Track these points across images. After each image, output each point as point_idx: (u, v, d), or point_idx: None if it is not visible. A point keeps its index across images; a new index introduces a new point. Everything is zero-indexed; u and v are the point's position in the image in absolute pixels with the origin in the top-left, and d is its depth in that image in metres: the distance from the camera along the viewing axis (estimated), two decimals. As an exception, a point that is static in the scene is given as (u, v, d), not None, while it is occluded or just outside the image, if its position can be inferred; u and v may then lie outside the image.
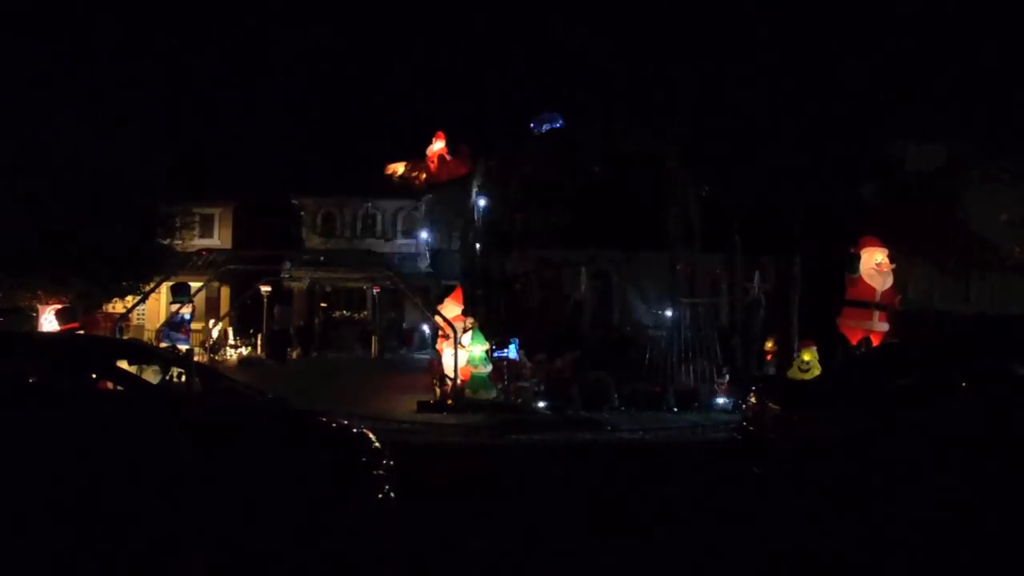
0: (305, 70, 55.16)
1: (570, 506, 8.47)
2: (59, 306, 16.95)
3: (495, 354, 17.44)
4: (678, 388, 16.78)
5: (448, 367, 17.01)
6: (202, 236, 30.93)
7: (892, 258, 18.00)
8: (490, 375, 17.05)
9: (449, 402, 16.30)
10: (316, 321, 31.29)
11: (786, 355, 17.62)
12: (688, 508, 8.45)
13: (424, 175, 35.11)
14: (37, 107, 18.75)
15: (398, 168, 36.02)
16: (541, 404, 16.34)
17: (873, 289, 17.63)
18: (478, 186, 27.27)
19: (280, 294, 29.81)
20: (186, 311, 24.25)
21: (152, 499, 6.80)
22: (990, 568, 6.44)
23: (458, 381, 16.68)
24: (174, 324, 23.53)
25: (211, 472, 6.91)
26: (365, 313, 32.42)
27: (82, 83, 19.72)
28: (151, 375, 9.79)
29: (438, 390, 17.21)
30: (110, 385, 7.94)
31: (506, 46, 52.61)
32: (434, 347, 18.69)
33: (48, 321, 16.30)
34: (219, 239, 32.03)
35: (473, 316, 18.48)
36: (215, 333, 27.25)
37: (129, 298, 21.56)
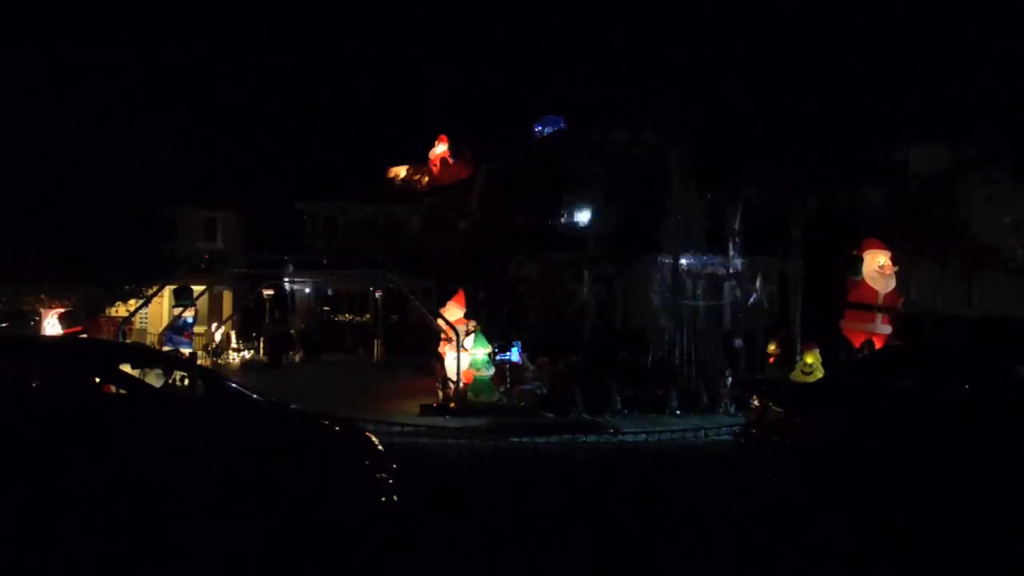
0: (308, 74, 55.26)
1: (572, 510, 8.46)
2: (62, 310, 16.97)
3: (497, 357, 17.44)
4: (681, 391, 16.76)
5: (451, 370, 17.02)
6: (205, 240, 30.99)
7: (895, 260, 17.99)
8: (492, 378, 17.05)
9: (452, 405, 16.31)
10: (316, 323, 31.32)
11: (789, 358, 17.60)
12: (690, 511, 8.44)
13: (426, 178, 35.16)
14: (41, 109, 18.80)
15: (400, 171, 36.07)
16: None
17: (876, 291, 17.62)
18: (480, 189, 27.33)
19: (282, 298, 29.82)
20: (189, 315, 24.29)
21: (155, 501, 6.82)
22: (993, 570, 6.43)
23: (460, 384, 16.69)
24: (177, 328, 23.57)
25: (214, 475, 6.92)
26: (368, 316, 32.44)
27: (86, 86, 19.76)
28: (154, 379, 9.80)
29: (441, 393, 17.21)
30: (113, 388, 7.96)
31: (508, 49, 52.70)
32: (437, 350, 18.69)
33: (51, 325, 16.31)
34: (222, 243, 32.06)
35: (475, 319, 18.49)
36: (218, 337, 27.25)
37: (132, 302, 21.60)
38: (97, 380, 7.99)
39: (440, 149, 34.61)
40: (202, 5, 47.63)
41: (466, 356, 16.87)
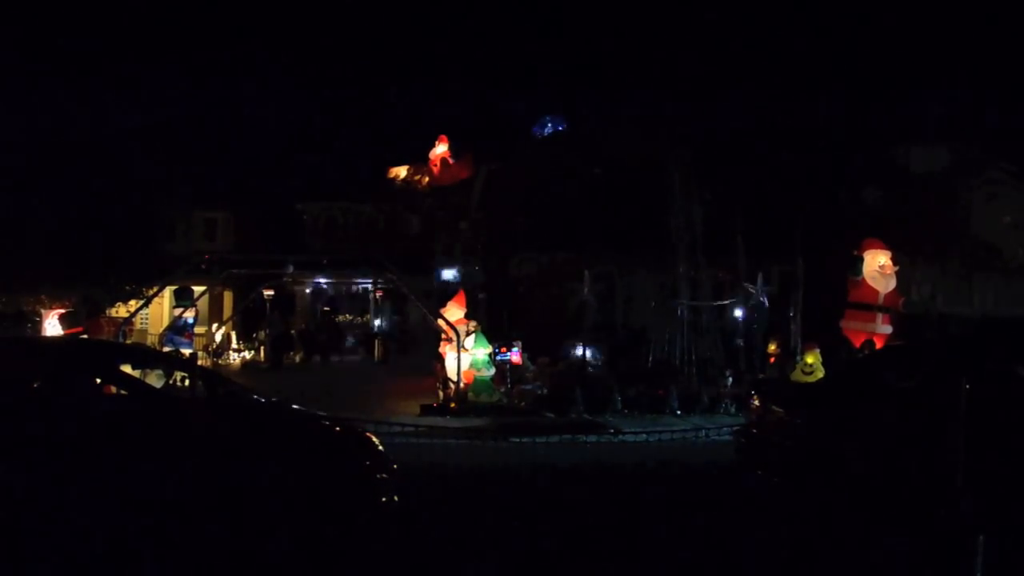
0: (307, 74, 55.25)
1: (572, 510, 8.46)
2: (63, 310, 16.97)
3: (498, 357, 17.44)
4: (681, 391, 16.76)
5: (451, 370, 17.02)
6: (205, 240, 30.97)
7: (895, 260, 18.00)
8: (493, 378, 17.05)
9: (452, 405, 16.31)
10: (317, 324, 31.31)
11: (789, 358, 17.60)
12: (690, 512, 8.44)
13: (427, 179, 35.10)
14: (42, 111, 18.84)
15: (401, 172, 36.01)
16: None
17: (876, 291, 17.64)
18: (481, 189, 27.32)
19: (283, 298, 29.80)
20: (189, 315, 24.28)
21: (154, 502, 6.81)
22: (994, 569, 6.42)
23: (461, 384, 16.68)
24: (177, 328, 23.55)
25: (214, 475, 6.93)
26: (368, 316, 32.44)
27: (88, 88, 19.80)
28: (155, 379, 9.81)
29: (441, 393, 17.22)
30: (114, 389, 7.96)
31: (509, 49, 52.68)
32: (437, 350, 18.69)
33: (52, 325, 16.31)
34: (222, 244, 32.02)
35: (476, 319, 18.49)
36: (218, 337, 27.24)
37: (132, 302, 21.61)
38: (98, 381, 7.99)
39: (440, 149, 34.53)
40: (203, 6, 47.67)
41: (466, 356, 16.87)
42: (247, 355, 27.49)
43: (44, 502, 6.73)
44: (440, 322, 18.15)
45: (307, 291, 31.23)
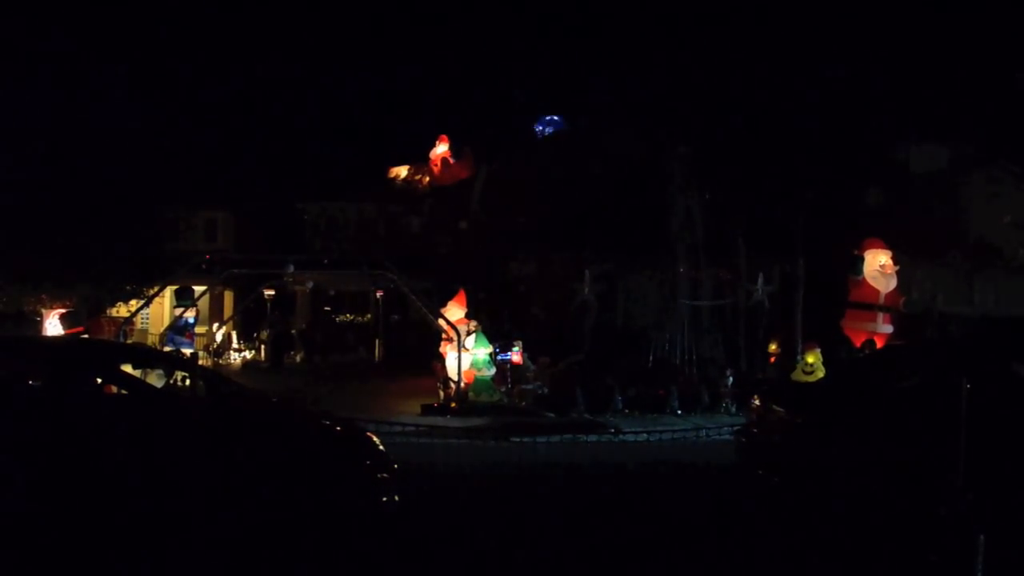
0: (309, 74, 55.25)
1: (573, 510, 8.47)
2: (63, 310, 16.99)
3: (499, 357, 17.45)
4: (682, 391, 16.76)
5: (452, 370, 17.03)
6: (206, 240, 30.99)
7: (896, 260, 17.99)
8: (493, 378, 17.05)
9: (453, 405, 16.32)
10: (317, 324, 31.32)
11: (790, 357, 17.60)
12: (691, 512, 8.45)
13: (427, 178, 35.10)
14: (43, 110, 18.84)
15: (401, 171, 36.02)
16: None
17: (877, 291, 17.64)
18: (481, 189, 27.32)
19: (283, 298, 29.82)
20: (190, 315, 24.30)
21: (156, 501, 6.82)
22: (993, 571, 6.43)
23: (461, 384, 16.69)
24: (178, 328, 23.58)
25: (215, 475, 6.94)
26: (368, 316, 32.46)
27: (86, 87, 19.80)
28: (155, 379, 9.82)
29: (442, 393, 17.22)
30: (115, 389, 7.97)
31: (509, 48, 52.66)
32: (438, 350, 18.70)
33: (53, 325, 16.32)
34: (223, 243, 32.04)
35: (476, 319, 18.49)
36: (219, 337, 27.27)
37: (133, 302, 21.63)
38: (99, 381, 8.00)
39: (441, 149, 34.53)
40: (204, 6, 47.64)
41: (467, 356, 16.88)
42: (248, 355, 27.52)
43: (46, 502, 6.74)
44: (440, 322, 18.15)
45: (307, 290, 31.17)
